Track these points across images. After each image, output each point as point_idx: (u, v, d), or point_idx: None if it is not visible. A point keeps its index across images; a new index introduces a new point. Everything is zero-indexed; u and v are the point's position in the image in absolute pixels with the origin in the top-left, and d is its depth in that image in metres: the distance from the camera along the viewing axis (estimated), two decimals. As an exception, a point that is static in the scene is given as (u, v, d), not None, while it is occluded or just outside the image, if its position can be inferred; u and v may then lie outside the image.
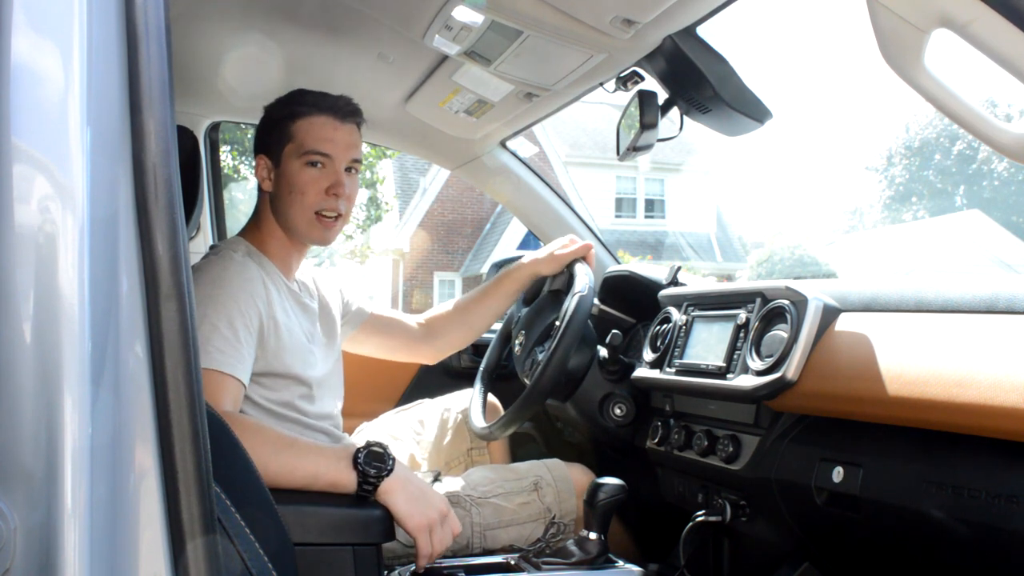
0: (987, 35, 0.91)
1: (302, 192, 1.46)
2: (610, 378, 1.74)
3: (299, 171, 1.46)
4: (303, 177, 1.46)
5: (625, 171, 18.93)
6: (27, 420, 0.59)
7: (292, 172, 1.47)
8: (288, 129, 1.48)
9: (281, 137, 1.48)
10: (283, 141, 1.48)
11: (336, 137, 1.48)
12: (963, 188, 31.19)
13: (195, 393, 0.64)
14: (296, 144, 1.47)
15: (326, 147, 1.47)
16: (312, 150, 1.46)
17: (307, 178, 1.46)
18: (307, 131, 1.47)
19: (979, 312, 1.09)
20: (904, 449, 1.09)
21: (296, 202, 1.47)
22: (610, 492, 1.42)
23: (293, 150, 1.47)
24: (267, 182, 1.50)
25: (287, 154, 1.47)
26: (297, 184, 1.46)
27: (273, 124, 1.50)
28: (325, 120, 1.48)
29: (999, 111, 29.84)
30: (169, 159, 0.64)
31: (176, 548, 0.62)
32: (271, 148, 1.50)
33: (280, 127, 1.49)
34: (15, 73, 0.61)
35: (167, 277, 0.63)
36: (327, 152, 1.47)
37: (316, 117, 1.47)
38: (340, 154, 1.48)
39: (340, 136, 1.48)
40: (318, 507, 1.18)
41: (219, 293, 1.34)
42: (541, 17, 1.38)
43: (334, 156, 1.47)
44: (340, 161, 1.48)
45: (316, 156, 1.46)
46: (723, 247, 19.81)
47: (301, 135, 1.47)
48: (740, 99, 1.41)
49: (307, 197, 1.46)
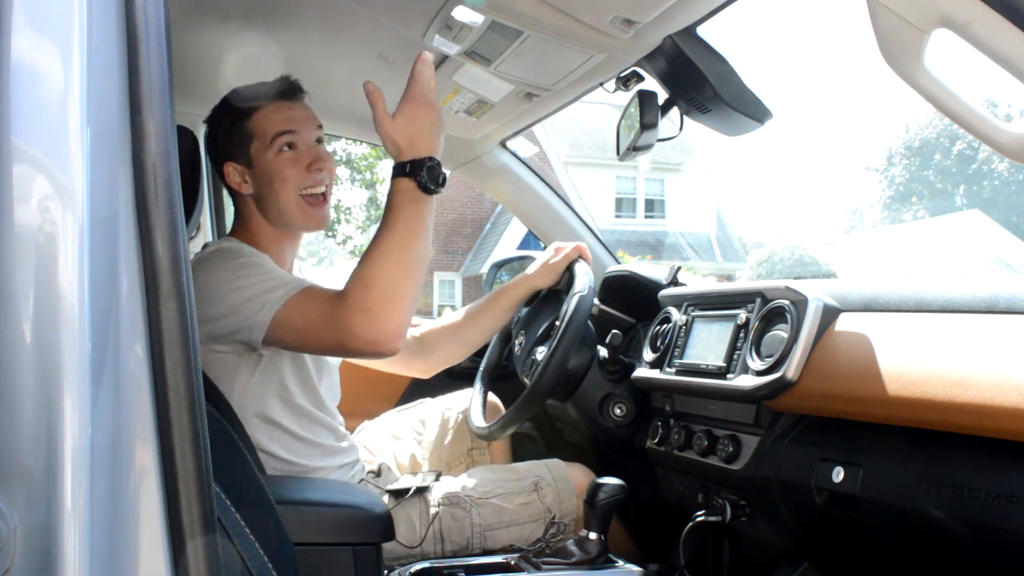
0: (987, 35, 0.91)
1: (284, 178, 1.46)
2: (610, 378, 1.73)
3: (275, 159, 1.46)
4: (280, 162, 1.46)
5: (625, 171, 18.93)
6: (27, 420, 0.59)
7: (268, 163, 1.47)
8: (246, 128, 1.48)
9: (242, 138, 1.48)
10: (246, 141, 1.48)
11: (293, 115, 1.48)
12: (963, 188, 31.20)
13: (195, 393, 0.64)
14: (260, 137, 1.47)
15: (290, 124, 1.47)
16: (279, 131, 1.46)
17: (284, 161, 1.46)
18: (264, 122, 1.47)
19: (979, 312, 1.09)
20: (904, 449, 1.09)
21: (281, 190, 1.46)
22: (610, 492, 1.42)
23: (260, 144, 1.47)
24: (244, 185, 1.50)
25: (256, 150, 1.47)
26: (277, 172, 1.46)
27: (228, 130, 1.49)
28: (276, 106, 1.48)
29: (999, 111, 29.85)
30: (169, 159, 0.64)
31: (176, 548, 0.62)
32: (236, 153, 1.49)
33: (237, 130, 1.48)
34: (15, 73, 0.61)
35: (167, 277, 0.63)
36: (293, 128, 1.47)
37: (266, 107, 1.48)
38: (304, 127, 1.48)
39: (296, 114, 1.49)
40: (318, 507, 1.18)
41: (246, 260, 1.36)
42: (541, 17, 1.38)
43: (299, 131, 1.48)
44: (308, 135, 1.49)
45: (285, 136, 1.46)
46: (723, 247, 19.82)
47: (262, 127, 1.47)
48: (740, 99, 1.41)
49: (290, 180, 1.46)
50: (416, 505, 1.55)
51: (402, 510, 1.52)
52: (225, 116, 1.50)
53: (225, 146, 1.50)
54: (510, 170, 2.21)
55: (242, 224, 1.53)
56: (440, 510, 1.55)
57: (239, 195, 1.52)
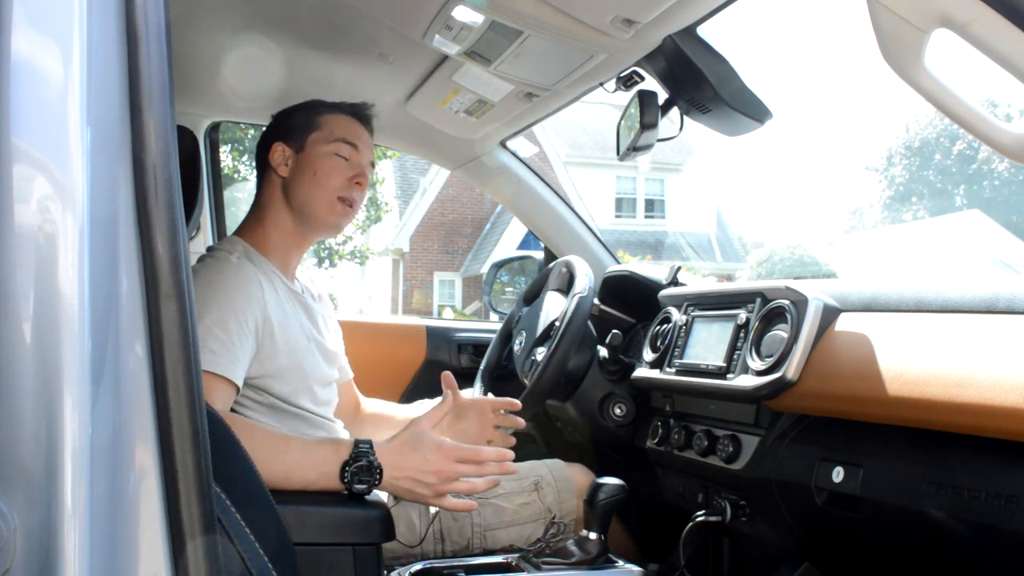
0: (987, 35, 0.91)
1: (327, 176, 1.49)
2: (610, 378, 1.73)
3: (326, 157, 1.50)
4: (330, 163, 1.50)
5: (625, 171, 18.93)
6: (27, 420, 0.59)
7: (318, 157, 1.50)
8: (315, 119, 1.52)
9: (307, 124, 1.52)
10: (308, 128, 1.51)
11: (362, 135, 1.54)
12: (963, 188, 31.19)
13: (195, 393, 0.64)
14: (325, 132, 1.51)
15: (356, 139, 1.52)
16: (343, 139, 1.51)
17: (334, 164, 1.50)
18: (336, 123, 1.52)
19: (979, 312, 1.09)
20: (904, 449, 1.09)
21: (320, 185, 1.49)
22: (610, 492, 1.42)
23: (321, 137, 1.50)
24: (283, 168, 1.51)
25: (313, 140, 1.50)
26: (323, 168, 1.49)
27: (295, 114, 1.54)
28: (351, 120, 1.54)
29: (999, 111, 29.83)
30: (169, 159, 0.64)
31: (176, 548, 0.62)
32: (292, 134, 1.52)
33: (305, 116, 1.53)
34: (15, 73, 0.61)
35: (167, 277, 0.63)
36: (356, 143, 1.52)
37: (342, 116, 1.54)
38: (365, 149, 1.54)
39: (364, 135, 1.55)
40: (318, 507, 1.18)
41: (214, 295, 1.33)
42: (541, 17, 1.38)
43: (361, 149, 1.52)
44: (366, 155, 1.54)
45: (346, 145, 1.50)
46: (723, 247, 19.81)
47: (330, 125, 1.52)
48: (740, 99, 1.41)
49: (332, 181, 1.49)
50: (416, 505, 1.55)
51: (402, 510, 1.52)
52: (303, 108, 1.56)
53: (286, 127, 1.54)
54: (510, 170, 2.21)
55: (257, 215, 1.53)
56: (440, 510, 1.55)
57: (270, 177, 1.52)
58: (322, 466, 1.20)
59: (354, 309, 19.62)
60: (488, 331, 2.32)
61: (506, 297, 2.47)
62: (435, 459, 1.24)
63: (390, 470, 1.22)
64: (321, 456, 1.21)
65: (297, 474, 1.20)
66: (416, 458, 1.24)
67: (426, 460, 1.23)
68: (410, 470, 1.23)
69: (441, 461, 1.24)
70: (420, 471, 1.23)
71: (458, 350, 2.31)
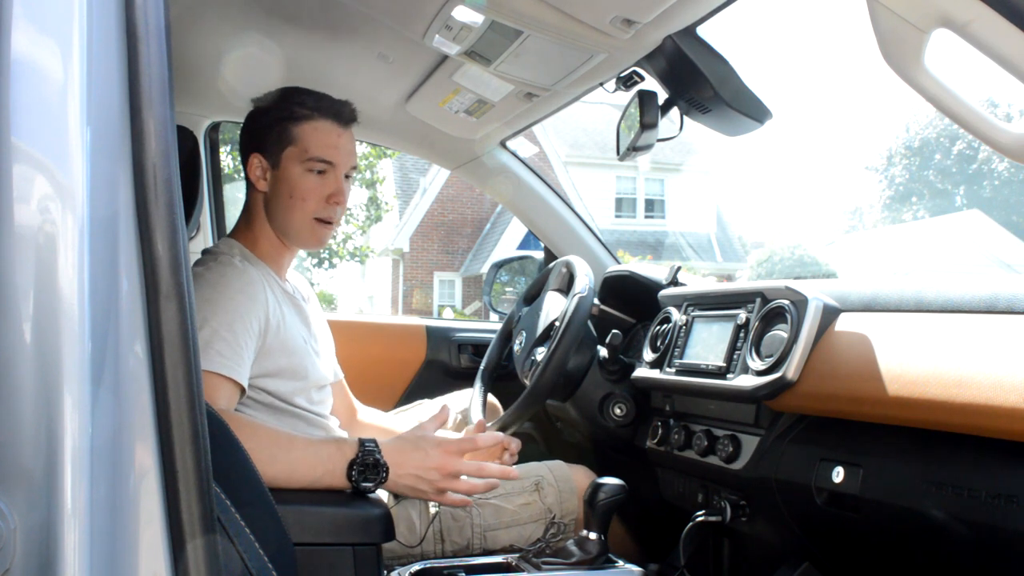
0: (987, 35, 0.91)
1: (303, 198, 1.46)
2: (610, 378, 1.73)
3: (301, 176, 1.46)
4: (306, 183, 1.46)
5: (625, 171, 18.93)
6: (27, 420, 0.59)
7: (293, 177, 1.46)
8: (289, 131, 1.46)
9: (281, 138, 1.46)
10: (283, 143, 1.46)
11: (340, 144, 1.47)
12: (963, 188, 31.19)
13: (195, 393, 0.64)
14: (299, 148, 1.45)
15: (331, 154, 1.46)
16: (317, 157, 1.45)
17: (310, 184, 1.46)
18: (311, 136, 1.46)
19: (979, 312, 1.09)
20: (904, 449, 1.09)
21: (296, 207, 1.46)
22: (610, 492, 1.42)
23: (296, 154, 1.46)
24: (262, 182, 1.49)
25: (288, 157, 1.46)
26: (298, 190, 1.45)
27: (271, 123, 1.48)
28: (330, 126, 1.47)
29: (999, 111, 29.85)
30: (169, 159, 0.64)
31: (176, 548, 0.62)
32: (268, 148, 1.48)
33: (280, 127, 1.47)
34: (15, 73, 0.61)
35: (167, 277, 0.63)
36: (332, 160, 1.46)
37: (319, 122, 1.46)
38: (343, 161, 1.48)
39: (343, 143, 1.48)
40: (318, 507, 1.18)
41: (220, 298, 1.34)
42: (541, 17, 1.38)
43: (337, 164, 1.47)
44: (342, 169, 1.48)
45: (321, 164, 1.45)
46: (723, 247, 19.81)
47: (305, 140, 1.45)
48: (740, 99, 1.41)
49: (308, 203, 1.46)
50: (416, 505, 1.55)
51: (402, 510, 1.52)
52: (275, 109, 1.48)
53: (261, 137, 1.49)
54: (510, 170, 2.21)
55: (247, 221, 1.53)
56: (440, 510, 1.55)
57: (253, 189, 1.51)
58: (327, 464, 1.21)
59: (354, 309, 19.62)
60: (488, 331, 2.32)
61: (506, 297, 2.47)
62: (436, 455, 1.27)
63: (394, 467, 1.24)
64: (326, 454, 1.22)
65: (301, 472, 1.20)
66: (418, 455, 1.27)
67: (428, 456, 1.27)
68: (413, 467, 1.26)
69: (443, 457, 1.27)
70: (423, 468, 1.26)
71: (458, 350, 2.31)
